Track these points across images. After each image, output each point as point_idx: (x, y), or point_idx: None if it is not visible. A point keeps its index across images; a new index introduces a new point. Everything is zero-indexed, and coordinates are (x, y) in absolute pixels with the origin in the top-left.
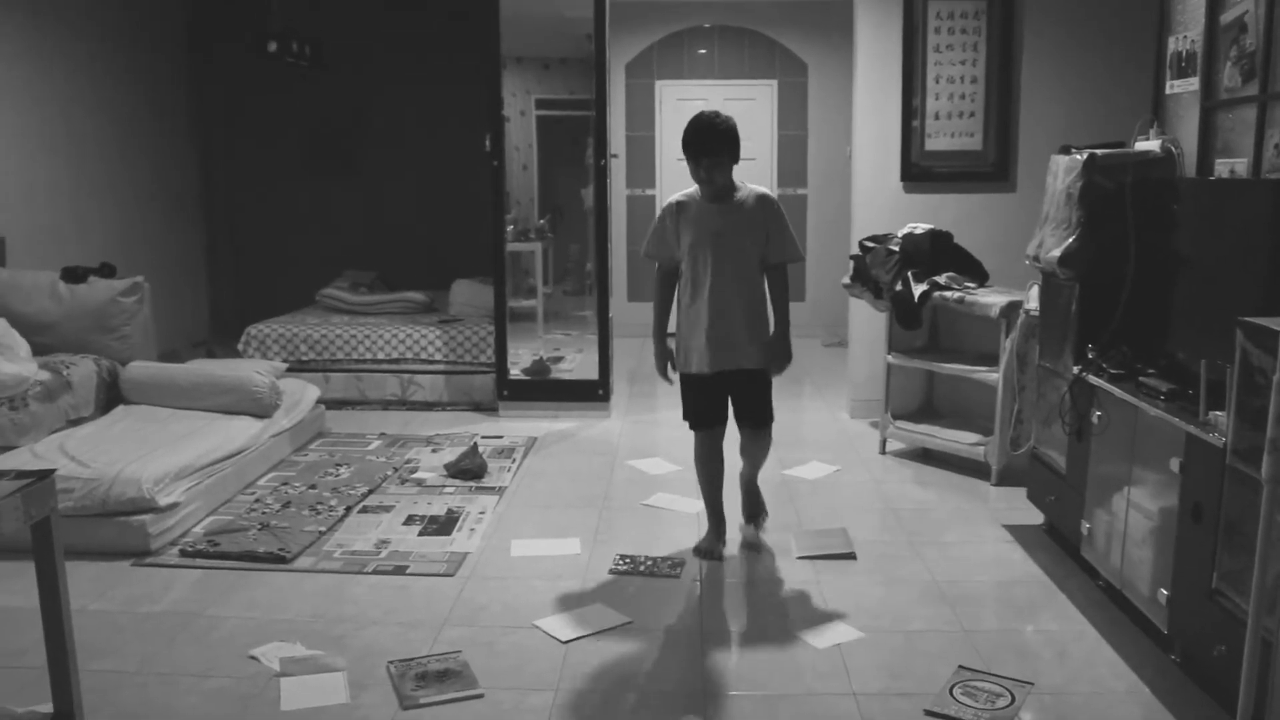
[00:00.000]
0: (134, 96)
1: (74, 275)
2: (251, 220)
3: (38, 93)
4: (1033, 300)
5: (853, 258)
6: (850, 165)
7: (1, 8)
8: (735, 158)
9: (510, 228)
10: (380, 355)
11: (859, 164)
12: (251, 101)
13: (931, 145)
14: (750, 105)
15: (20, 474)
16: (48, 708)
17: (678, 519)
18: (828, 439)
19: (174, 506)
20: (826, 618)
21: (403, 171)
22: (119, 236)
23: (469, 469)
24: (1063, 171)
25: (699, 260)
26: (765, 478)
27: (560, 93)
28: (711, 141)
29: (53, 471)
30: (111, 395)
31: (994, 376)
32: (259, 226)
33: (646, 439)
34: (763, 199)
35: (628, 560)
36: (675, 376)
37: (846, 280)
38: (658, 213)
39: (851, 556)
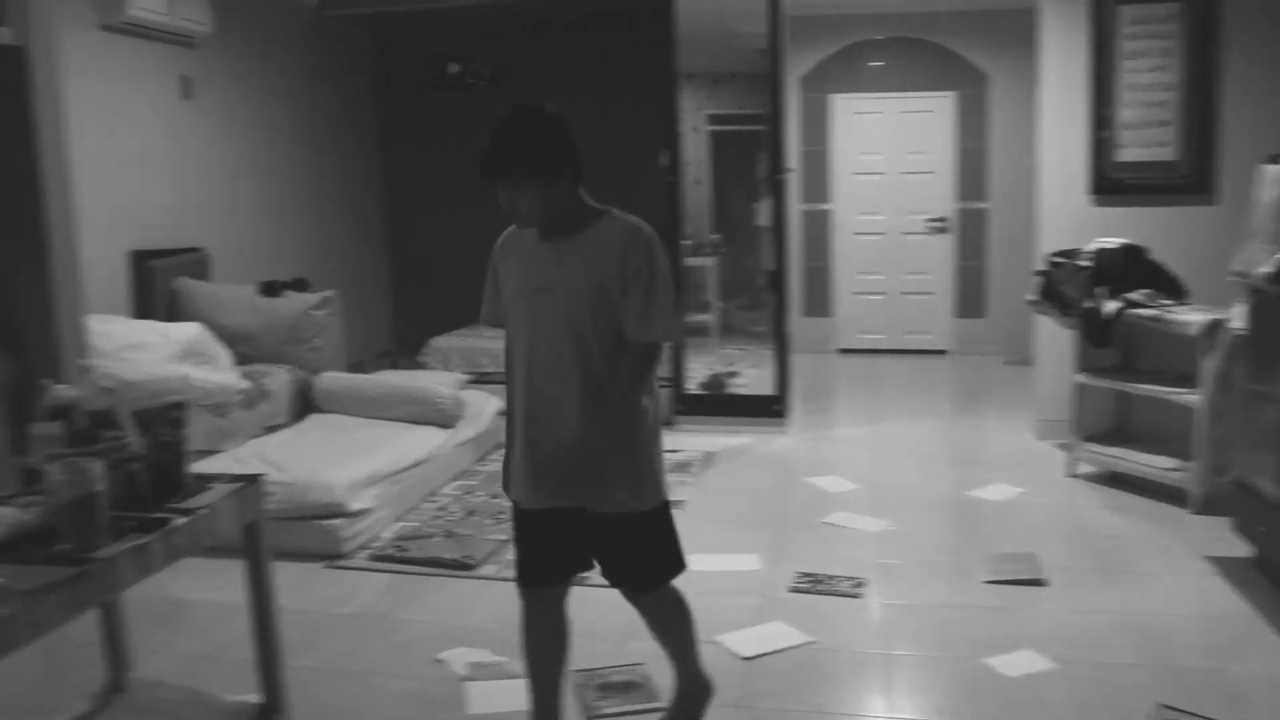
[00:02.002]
0: (325, 120)
1: (271, 289)
2: (433, 236)
3: (241, 120)
4: (1238, 318)
5: (1039, 273)
6: (1033, 178)
7: (213, 45)
8: (554, 172)
9: (685, 243)
10: None
11: (1044, 176)
12: (434, 122)
13: (1122, 156)
14: (928, 118)
15: (234, 477)
16: (255, 699)
17: (859, 538)
18: (1012, 460)
19: (364, 512)
20: (1016, 645)
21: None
22: (311, 252)
23: None
24: (1273, 182)
25: (517, 327)
26: (947, 497)
27: (731, 108)
28: (502, 153)
29: (261, 476)
30: (304, 404)
31: (1193, 398)
32: (440, 242)
33: (824, 456)
34: (629, 235)
35: (808, 578)
36: None
37: (1033, 296)
38: None
39: (1042, 583)
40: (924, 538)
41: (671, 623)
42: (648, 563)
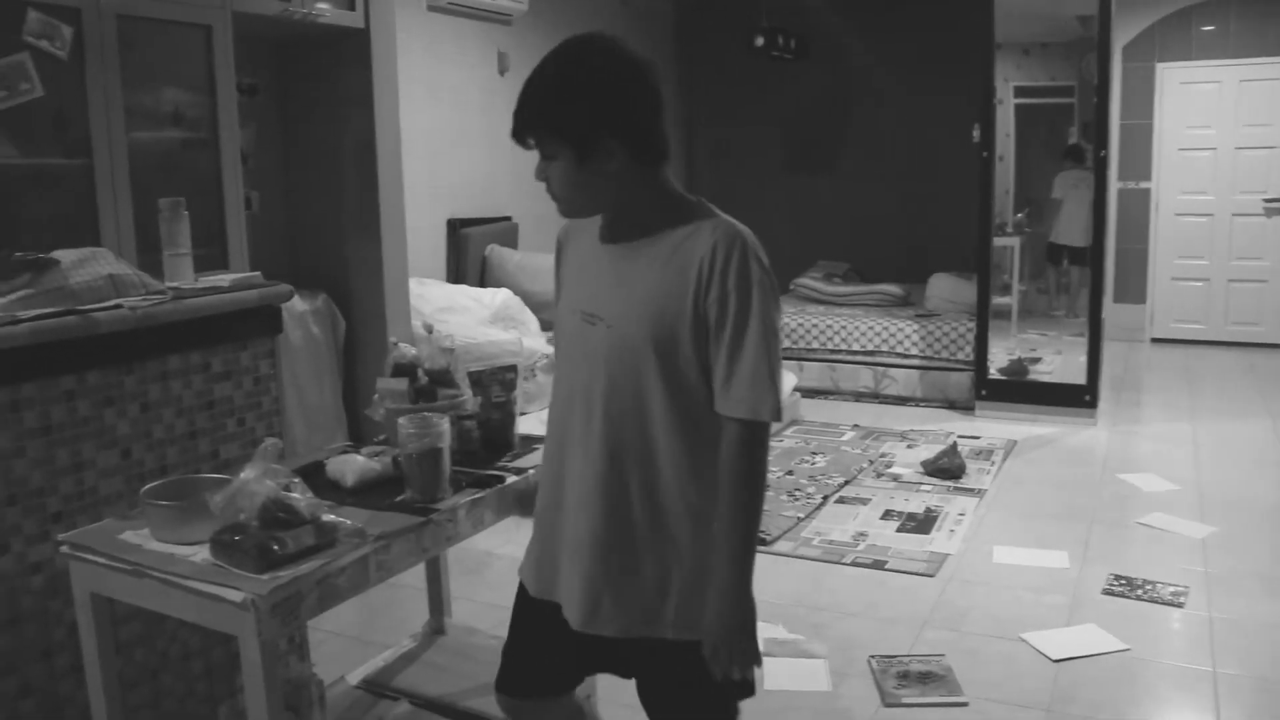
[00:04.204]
0: None
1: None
2: (730, 209)
3: None
4: None
5: None
6: None
7: (528, 21)
8: (590, 142)
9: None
10: (855, 346)
11: None
12: (735, 96)
13: None
14: (1273, 86)
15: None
16: None
17: (1180, 543)
18: None
19: None
20: None
21: (881, 163)
22: None
23: (947, 468)
24: None
25: (561, 355)
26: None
27: (1040, 79)
28: (524, 102)
29: None
30: None
31: None
32: (737, 216)
33: (1137, 452)
34: (719, 242)
35: (1123, 581)
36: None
37: None
38: None
39: None
40: (1257, 548)
41: None
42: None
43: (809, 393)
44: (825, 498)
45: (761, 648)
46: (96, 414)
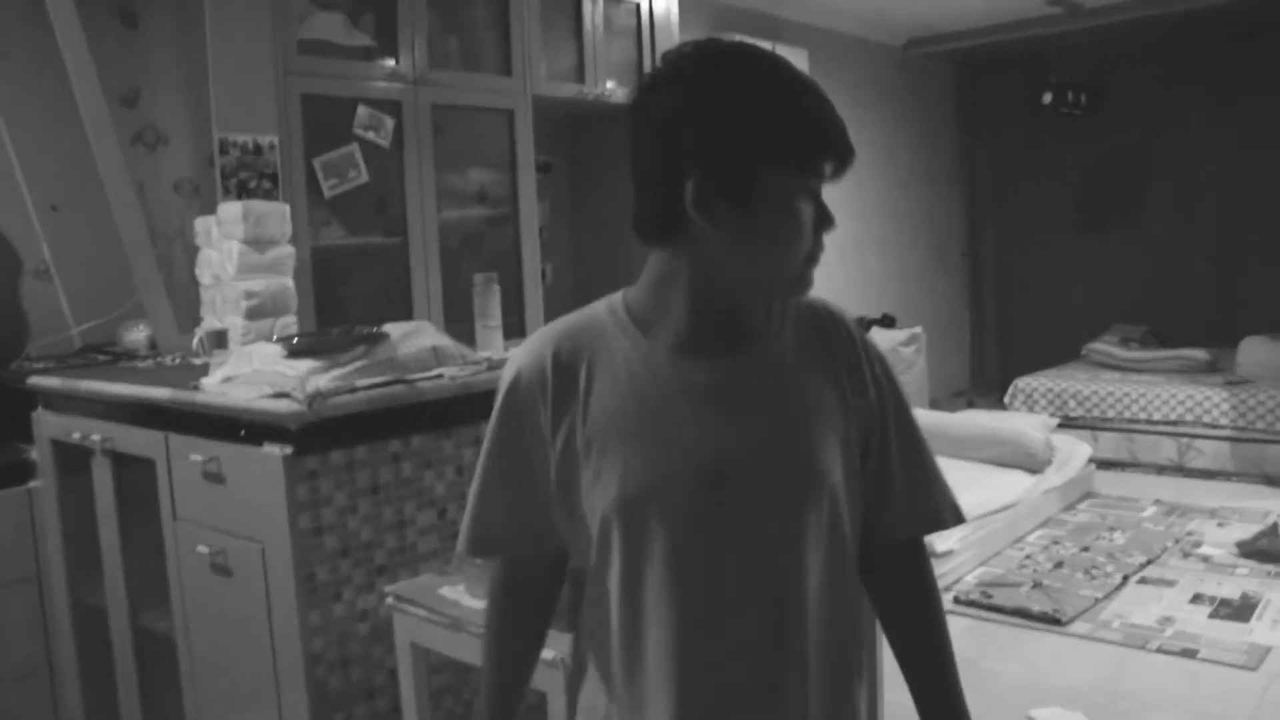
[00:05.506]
0: (908, 156)
1: (860, 325)
2: (1015, 272)
3: None
4: None
5: None
6: None
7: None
8: None
9: None
10: (1155, 416)
11: None
12: (1020, 154)
13: None
14: None
15: None
16: None
17: None
18: None
19: (949, 553)
20: None
21: (1185, 218)
22: (894, 288)
23: (1267, 550)
24: None
25: (654, 554)
26: None
27: None
28: (844, 130)
29: None
30: None
31: None
32: (1023, 278)
33: None
34: (848, 327)
35: None
36: None
37: None
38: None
39: None
40: None
41: None
42: None
43: (1104, 464)
44: (1125, 577)
45: None
46: (418, 475)
